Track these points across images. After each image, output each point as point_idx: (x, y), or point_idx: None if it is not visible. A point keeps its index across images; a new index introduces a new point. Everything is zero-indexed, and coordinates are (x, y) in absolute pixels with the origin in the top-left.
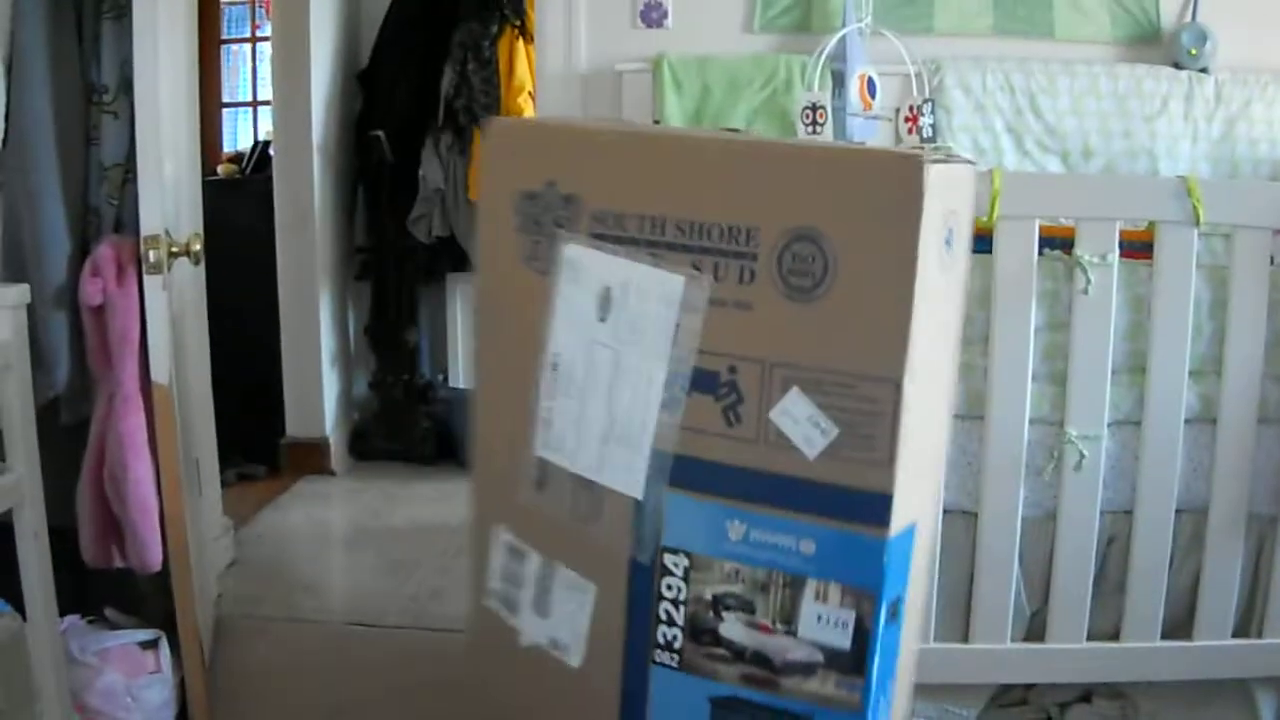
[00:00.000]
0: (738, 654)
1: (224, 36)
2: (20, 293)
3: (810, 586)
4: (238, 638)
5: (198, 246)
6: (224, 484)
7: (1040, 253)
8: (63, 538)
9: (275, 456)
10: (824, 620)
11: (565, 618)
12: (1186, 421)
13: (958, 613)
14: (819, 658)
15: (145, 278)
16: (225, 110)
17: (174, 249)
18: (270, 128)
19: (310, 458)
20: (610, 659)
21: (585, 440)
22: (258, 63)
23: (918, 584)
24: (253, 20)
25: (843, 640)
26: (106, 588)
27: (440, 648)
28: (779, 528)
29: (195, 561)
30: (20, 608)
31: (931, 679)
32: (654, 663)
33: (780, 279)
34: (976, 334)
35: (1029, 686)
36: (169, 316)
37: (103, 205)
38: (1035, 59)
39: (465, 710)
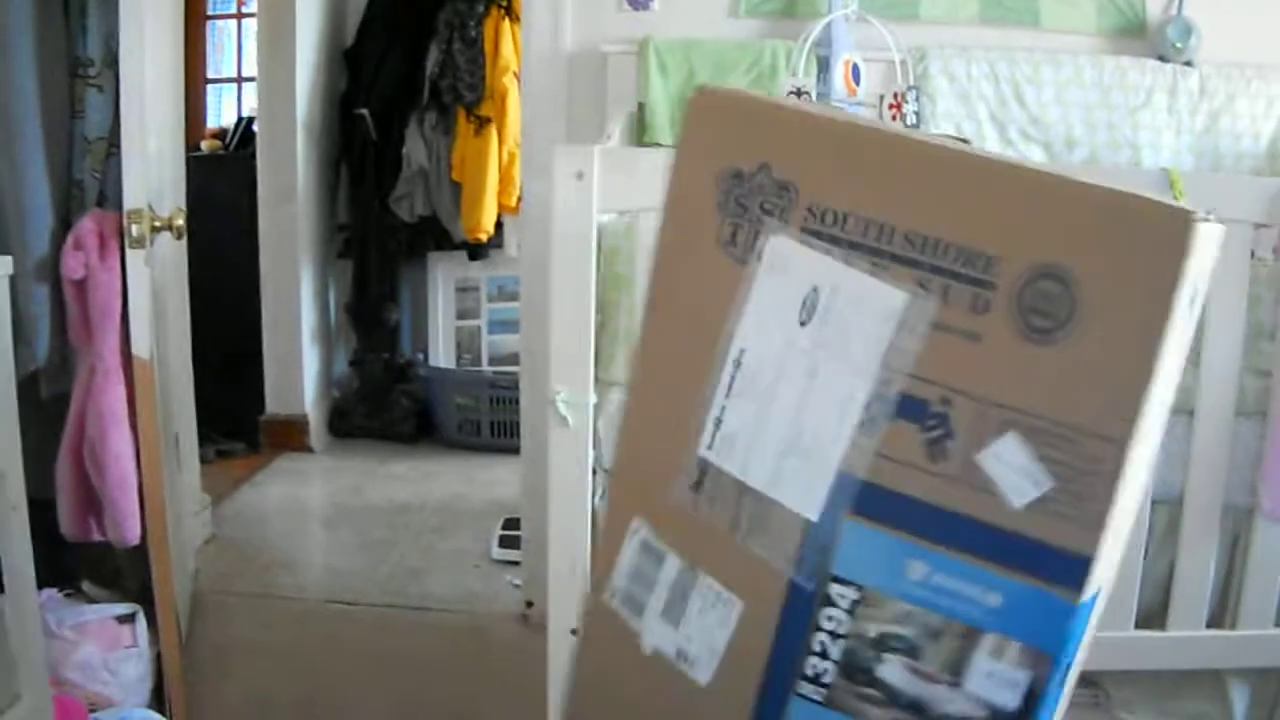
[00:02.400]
0: (892, 698)
1: (209, 12)
2: (3, 264)
3: (987, 640)
4: (214, 613)
5: (180, 221)
6: (203, 460)
7: None
8: (40, 511)
9: (254, 433)
10: (994, 677)
11: (700, 631)
12: None
13: None
14: (981, 714)
15: (127, 252)
16: (209, 86)
17: (156, 223)
18: (255, 104)
19: (289, 435)
20: (745, 682)
21: (761, 448)
22: (243, 38)
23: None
24: None
25: (1012, 700)
26: (83, 561)
27: (416, 625)
28: (966, 575)
29: (173, 537)
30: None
31: None
32: (796, 694)
33: (1019, 315)
34: None
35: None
36: (151, 291)
37: (86, 178)
38: (1020, 48)
39: (579, 709)
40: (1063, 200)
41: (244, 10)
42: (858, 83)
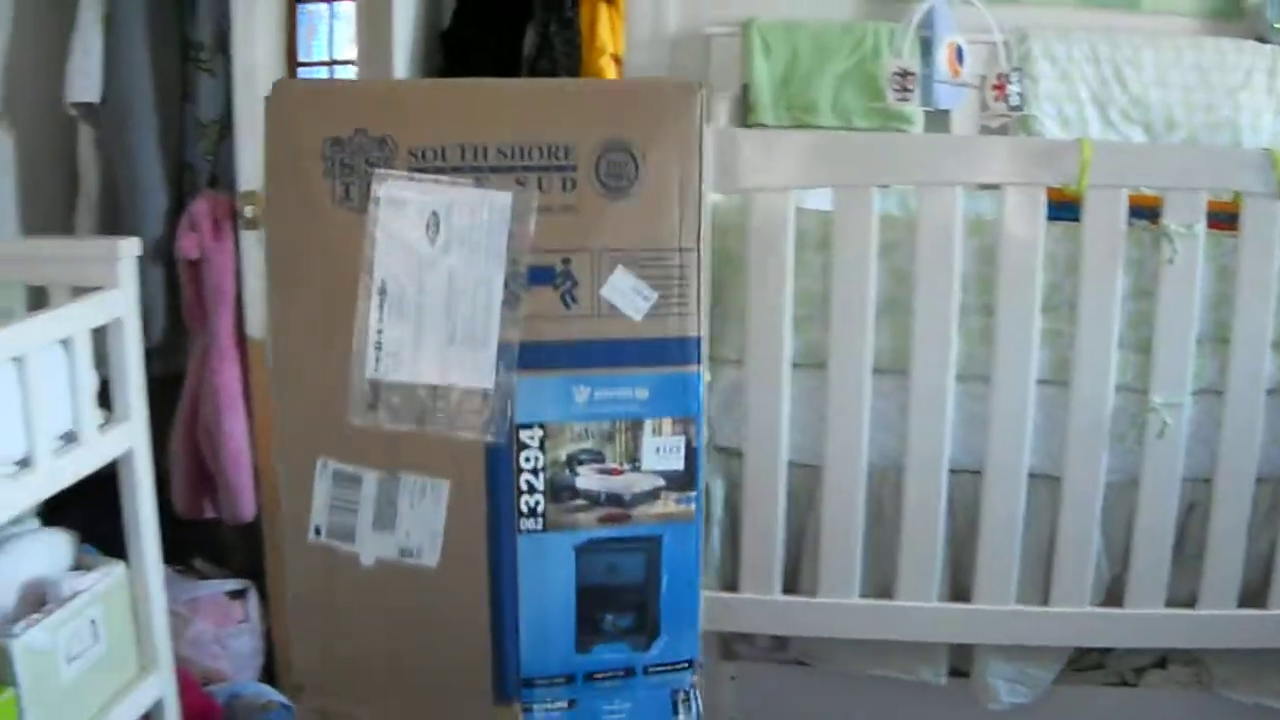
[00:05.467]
0: (594, 500)
1: None
2: (132, 244)
3: (648, 425)
4: None
5: None
6: None
7: (1127, 222)
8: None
9: None
10: (661, 450)
11: (417, 523)
12: (1268, 391)
13: (1038, 576)
14: (661, 483)
15: (241, 233)
16: (300, 70)
17: None
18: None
19: None
20: (473, 543)
21: (424, 350)
22: (334, 22)
23: None
24: None
25: (677, 462)
26: (192, 538)
27: None
28: (618, 384)
29: None
30: (114, 555)
31: (1010, 640)
32: (520, 531)
33: (599, 182)
34: (1063, 300)
35: (1105, 650)
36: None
37: (198, 161)
38: (1120, 30)
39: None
40: (607, 94)
41: None
42: (961, 64)
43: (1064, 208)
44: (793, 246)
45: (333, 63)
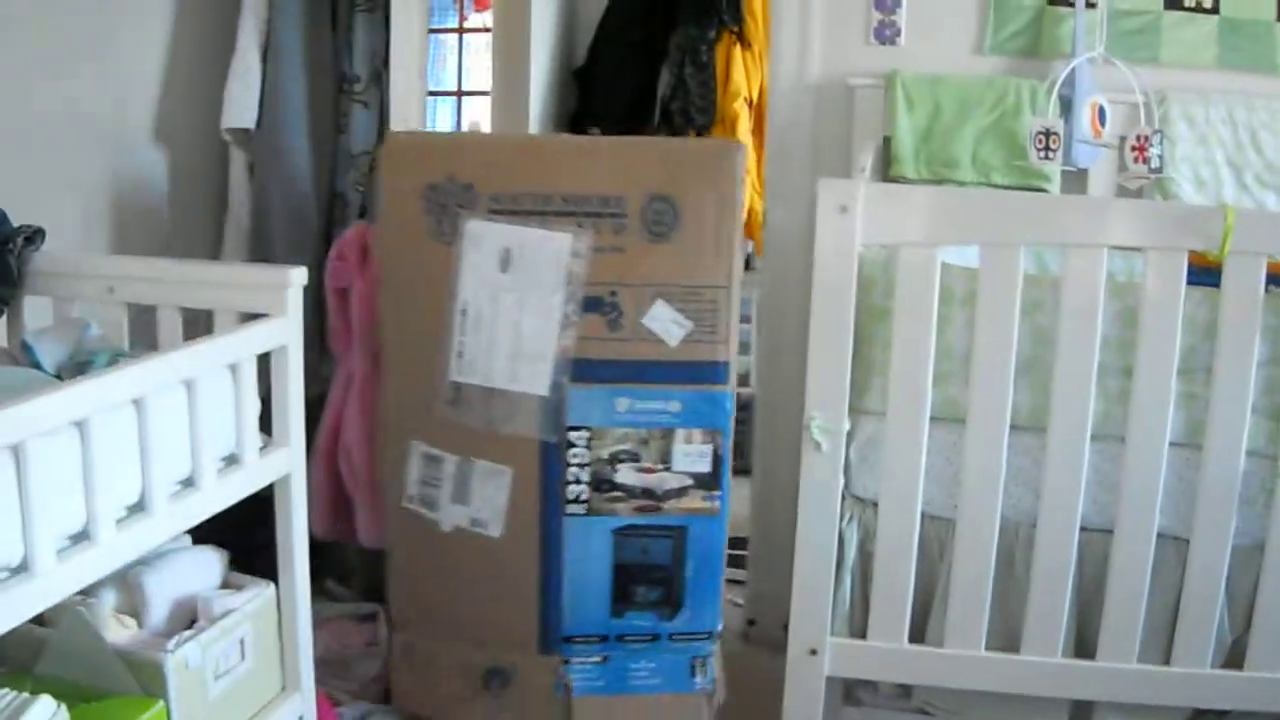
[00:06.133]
0: (630, 492)
1: (430, 26)
2: (300, 274)
3: (680, 434)
4: None
5: None
6: None
7: (1266, 289)
8: None
9: None
10: (690, 456)
11: (485, 500)
12: None
13: (1161, 635)
14: (689, 482)
15: None
16: (429, 99)
17: None
18: (476, 117)
19: None
20: (528, 520)
21: (495, 361)
22: (463, 53)
23: None
24: (460, 12)
25: (704, 466)
26: (317, 559)
27: None
28: (654, 397)
29: None
30: (249, 573)
31: (1130, 698)
32: (566, 514)
33: (645, 228)
34: (1199, 364)
35: (1222, 713)
36: None
37: (349, 191)
38: (1258, 94)
39: (410, 592)
40: (656, 153)
41: (466, 25)
42: (1104, 125)
43: (1204, 273)
44: (936, 302)
45: (461, 93)
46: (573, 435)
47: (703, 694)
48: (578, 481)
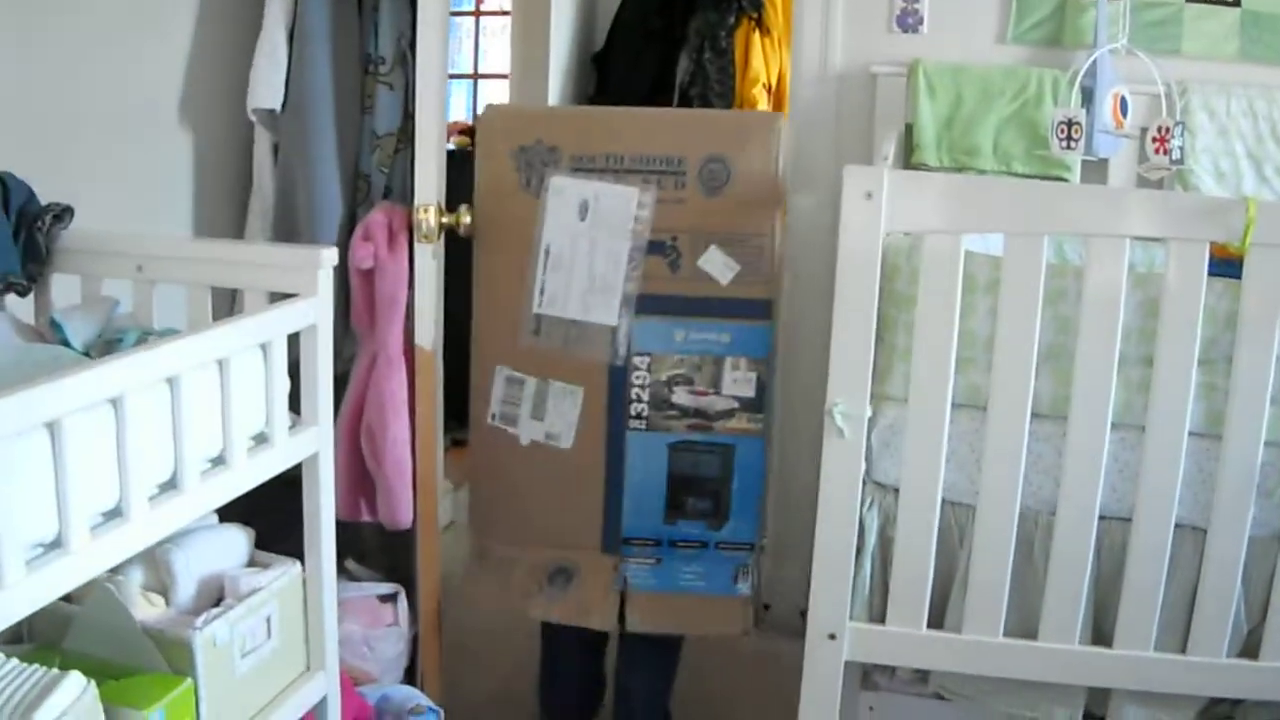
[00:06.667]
0: (684, 412)
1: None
2: (331, 254)
3: (728, 362)
4: (458, 597)
5: (468, 219)
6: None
7: None
8: (298, 489)
9: None
10: (738, 381)
11: (558, 416)
12: None
13: (1177, 624)
14: (736, 405)
15: (416, 245)
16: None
17: (445, 219)
18: (493, 101)
19: None
20: (595, 435)
21: (573, 295)
22: (479, 36)
23: None
24: None
25: (750, 391)
26: (341, 540)
27: None
28: (707, 329)
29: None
30: (275, 552)
31: (1147, 686)
32: (629, 429)
33: (701, 184)
34: (1220, 355)
35: (1236, 702)
36: (438, 284)
37: (373, 173)
38: (1278, 86)
39: (490, 499)
40: (712, 122)
41: (482, 9)
42: (1125, 115)
43: (1225, 264)
44: (960, 289)
45: (478, 76)
46: (636, 360)
47: (742, 598)
48: (639, 400)
